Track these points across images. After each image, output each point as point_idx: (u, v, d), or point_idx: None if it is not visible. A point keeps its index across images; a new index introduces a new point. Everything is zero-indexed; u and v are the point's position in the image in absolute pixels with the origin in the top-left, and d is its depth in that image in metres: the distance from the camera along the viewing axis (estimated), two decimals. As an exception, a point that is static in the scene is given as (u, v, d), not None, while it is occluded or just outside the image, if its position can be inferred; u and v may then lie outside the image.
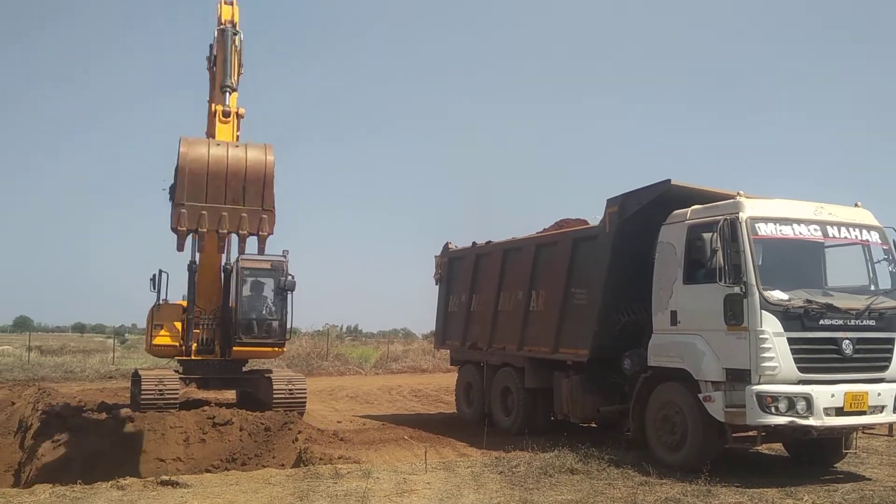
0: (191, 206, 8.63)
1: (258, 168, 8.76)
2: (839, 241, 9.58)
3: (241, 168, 8.75)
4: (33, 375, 26.15)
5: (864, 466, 9.96)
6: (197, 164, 8.55)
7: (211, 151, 8.73)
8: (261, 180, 8.76)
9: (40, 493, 7.73)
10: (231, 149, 8.90)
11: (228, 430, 11.95)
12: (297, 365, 28.42)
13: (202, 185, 8.53)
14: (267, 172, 8.82)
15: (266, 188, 8.82)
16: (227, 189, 8.63)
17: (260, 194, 8.80)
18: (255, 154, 8.86)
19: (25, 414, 14.73)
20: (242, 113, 11.51)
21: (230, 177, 8.65)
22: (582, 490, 8.18)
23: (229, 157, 8.75)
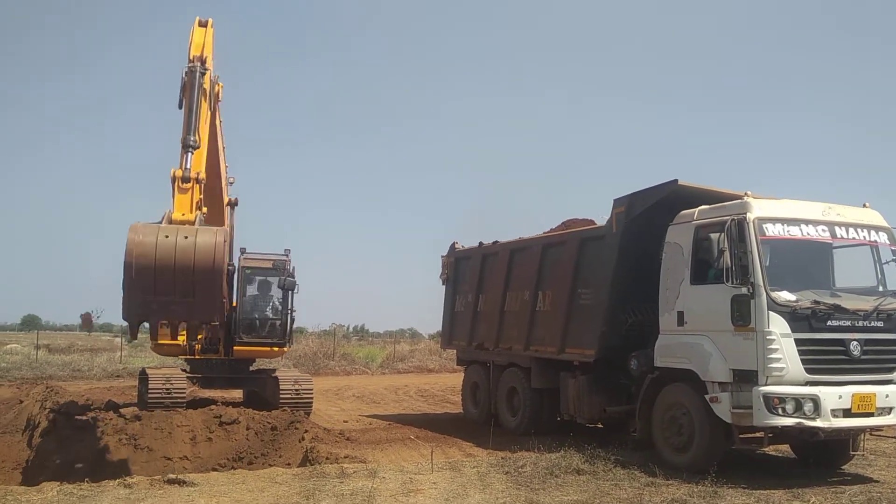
0: (140, 298, 8.34)
1: (207, 257, 8.37)
2: (847, 241, 9.54)
3: (189, 259, 8.35)
4: (41, 374, 26.26)
5: (872, 468, 9.92)
6: (143, 258, 8.20)
7: (158, 243, 8.31)
8: (210, 269, 8.38)
9: (48, 491, 7.75)
10: (180, 238, 8.41)
11: (235, 429, 11.97)
12: (304, 364, 28.48)
13: (150, 278, 8.21)
14: (216, 260, 8.41)
15: (215, 277, 8.44)
16: (177, 281, 8.28)
17: (210, 284, 8.43)
18: (204, 241, 8.44)
19: (33, 412, 14.78)
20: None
21: (178, 269, 8.27)
22: (588, 490, 8.17)
23: (177, 249, 8.33)
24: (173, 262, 8.28)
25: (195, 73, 9.97)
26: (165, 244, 8.31)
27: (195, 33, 10.70)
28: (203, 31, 10.77)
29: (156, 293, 8.28)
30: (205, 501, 7.39)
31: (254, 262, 16.22)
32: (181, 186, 9.32)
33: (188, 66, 10.05)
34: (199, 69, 10.04)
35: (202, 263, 8.33)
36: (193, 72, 9.99)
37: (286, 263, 16.00)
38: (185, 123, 9.77)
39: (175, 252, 8.30)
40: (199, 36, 10.66)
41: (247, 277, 16.24)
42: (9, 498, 7.48)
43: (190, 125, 9.71)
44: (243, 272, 16.05)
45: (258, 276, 16.54)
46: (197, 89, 9.90)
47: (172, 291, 8.30)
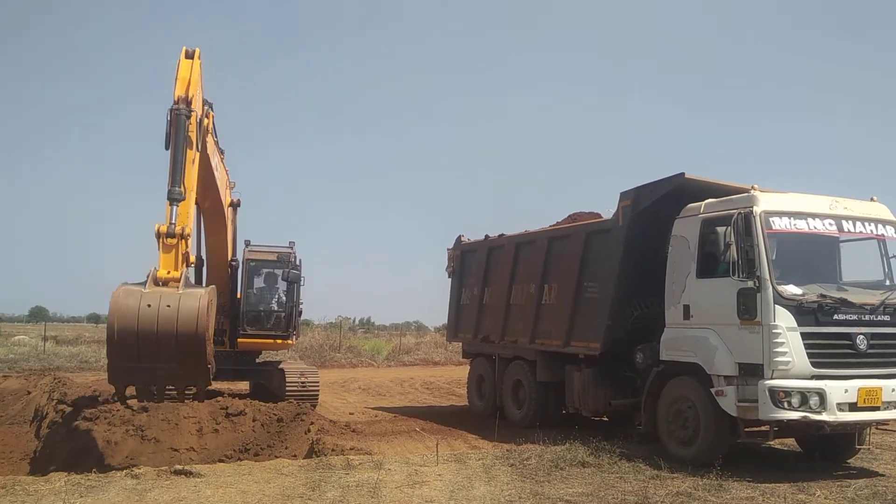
0: (124, 364, 8.31)
1: (190, 324, 8.27)
2: (854, 235, 9.50)
3: (172, 325, 8.26)
4: (49, 365, 26.41)
5: (878, 462, 9.92)
6: (126, 327, 8.12)
7: (141, 308, 8.20)
8: (194, 335, 8.28)
9: (56, 482, 7.80)
10: (163, 304, 8.28)
11: (241, 421, 11.99)
12: (310, 357, 28.54)
13: (133, 345, 8.14)
14: (199, 327, 8.30)
15: (199, 343, 8.34)
16: (160, 348, 8.20)
17: (195, 350, 8.35)
18: (187, 306, 8.33)
19: (41, 403, 14.86)
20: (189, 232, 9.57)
21: (161, 335, 8.18)
22: (593, 483, 8.18)
23: (160, 315, 8.23)
24: (156, 329, 8.19)
25: (180, 118, 9.56)
26: (148, 313, 8.19)
27: (181, 66, 10.20)
28: (189, 64, 10.28)
29: (139, 360, 8.22)
30: (211, 492, 7.43)
31: (258, 254, 16.26)
32: (166, 243, 9.08)
33: (173, 109, 9.63)
34: (185, 112, 9.61)
35: (185, 330, 8.24)
36: (179, 115, 9.57)
37: (291, 256, 16.02)
38: (170, 174, 9.43)
39: (158, 320, 8.21)
40: (185, 70, 10.16)
41: (251, 270, 16.28)
42: (17, 488, 7.54)
43: (175, 176, 9.37)
44: (248, 265, 16.09)
45: (263, 268, 16.57)
46: (182, 135, 9.51)
47: (156, 358, 8.25)
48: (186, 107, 9.69)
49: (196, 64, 10.31)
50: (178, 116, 9.55)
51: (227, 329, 16.04)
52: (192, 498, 7.20)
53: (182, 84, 9.94)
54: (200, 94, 10.43)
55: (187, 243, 9.33)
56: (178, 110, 9.60)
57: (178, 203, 9.30)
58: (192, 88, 9.96)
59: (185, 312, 8.33)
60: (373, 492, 7.50)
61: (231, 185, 14.60)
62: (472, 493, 7.59)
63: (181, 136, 9.50)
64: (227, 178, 13.94)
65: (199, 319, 8.31)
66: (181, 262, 9.12)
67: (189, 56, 10.34)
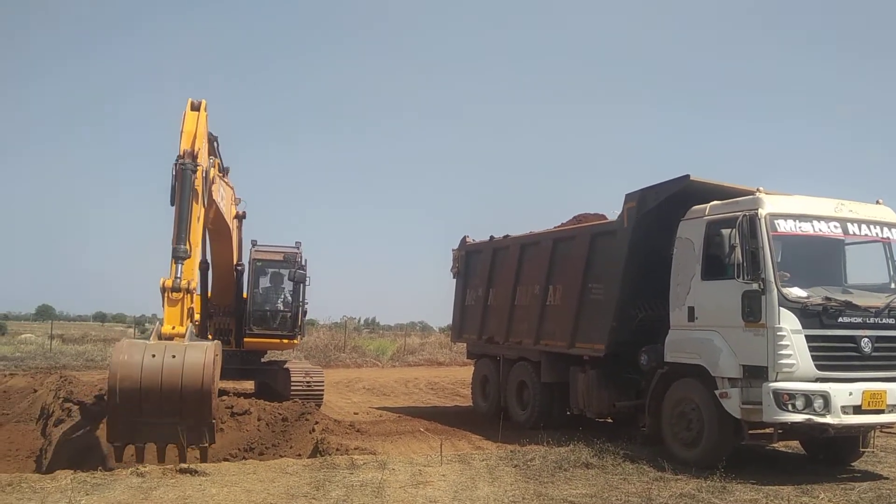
0: (125, 420, 8.10)
1: (195, 377, 8.11)
2: (859, 238, 9.49)
3: (176, 379, 8.09)
4: (55, 363, 26.52)
5: (882, 465, 9.89)
6: (129, 380, 7.96)
7: (144, 363, 8.03)
8: (199, 390, 8.12)
9: (61, 479, 7.83)
10: (167, 357, 8.11)
11: (246, 420, 12.04)
12: (315, 357, 28.60)
13: (136, 399, 7.97)
14: (205, 381, 8.15)
15: (204, 398, 8.18)
16: (164, 402, 8.02)
17: (199, 404, 8.18)
18: (193, 359, 8.16)
19: (47, 401, 14.92)
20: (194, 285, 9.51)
21: (165, 389, 8.01)
22: (597, 484, 8.19)
23: (164, 369, 8.06)
24: (160, 382, 8.03)
25: (186, 172, 9.47)
26: (152, 364, 8.03)
27: (187, 119, 10.12)
28: (195, 116, 10.20)
29: (142, 414, 8.06)
30: (216, 491, 7.45)
31: (265, 254, 16.30)
32: (171, 298, 8.95)
33: (179, 164, 9.54)
34: (191, 167, 9.54)
35: (190, 384, 8.09)
36: (185, 170, 9.49)
37: (297, 256, 16.07)
38: (175, 231, 9.31)
39: (162, 372, 8.06)
40: (191, 123, 10.08)
41: (258, 270, 16.32)
42: (23, 485, 7.57)
43: (180, 234, 9.27)
44: (254, 264, 16.14)
45: (269, 268, 16.62)
46: (188, 191, 9.42)
47: (160, 413, 8.08)
48: (192, 161, 9.62)
49: (202, 116, 10.26)
50: (185, 171, 9.49)
51: (233, 329, 16.11)
52: (198, 496, 7.23)
53: (188, 138, 9.87)
54: (206, 147, 10.34)
55: (192, 298, 9.27)
56: (183, 165, 9.54)
57: (182, 261, 9.22)
58: (198, 142, 9.89)
59: (191, 365, 8.19)
60: (377, 491, 7.52)
61: (237, 201, 14.64)
62: (476, 494, 7.61)
63: (186, 191, 9.43)
64: (232, 193, 13.93)
65: (206, 372, 8.18)
66: (186, 317, 9.02)
67: (195, 108, 10.31)
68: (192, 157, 9.64)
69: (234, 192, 14.15)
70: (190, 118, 10.13)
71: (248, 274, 16.07)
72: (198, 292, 9.50)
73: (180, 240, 9.26)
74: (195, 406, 8.19)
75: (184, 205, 9.39)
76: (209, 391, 8.25)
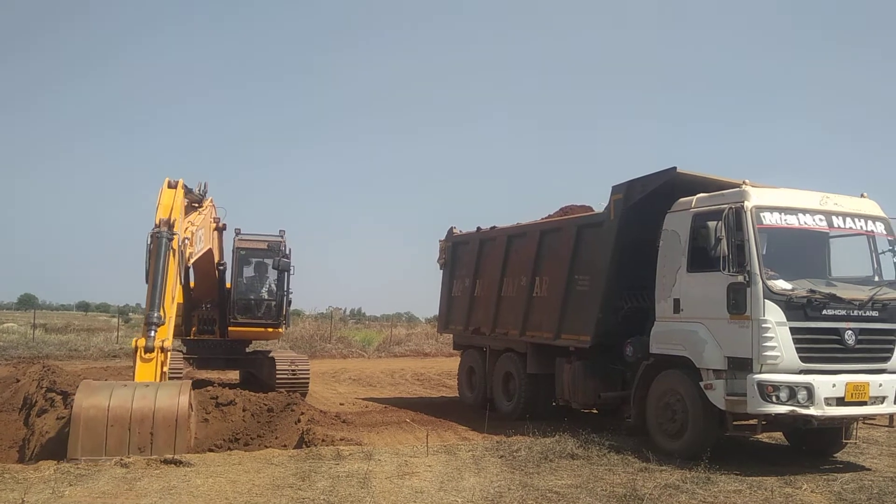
0: (87, 460, 7.95)
1: (169, 414, 8.05)
2: (844, 231, 9.55)
3: (147, 414, 8.03)
4: (38, 353, 26.34)
5: (864, 457, 9.99)
6: (94, 413, 7.88)
7: (113, 397, 8.01)
8: (172, 426, 8.06)
9: (45, 470, 7.78)
10: (138, 394, 8.11)
11: (231, 411, 11.99)
12: (300, 347, 28.55)
13: (101, 437, 7.88)
14: (179, 417, 8.10)
15: (179, 433, 8.12)
16: (132, 436, 7.92)
17: (171, 440, 8.10)
18: (166, 396, 8.14)
19: (30, 391, 14.80)
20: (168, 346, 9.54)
21: (134, 423, 7.94)
22: (582, 475, 8.22)
23: (134, 403, 8.01)
24: (129, 415, 8.00)
25: (162, 240, 9.60)
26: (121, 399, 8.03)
27: (163, 195, 10.36)
28: (172, 193, 10.46)
29: (106, 452, 8.00)
30: (201, 482, 7.42)
31: (248, 243, 16.22)
32: (143, 357, 8.95)
33: (154, 232, 9.69)
34: (167, 235, 9.69)
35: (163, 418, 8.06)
36: (160, 238, 9.61)
37: (281, 244, 15.99)
38: (148, 299, 9.37)
39: (132, 405, 8.05)
40: (168, 198, 10.35)
41: (241, 259, 16.24)
42: (6, 476, 7.51)
43: (154, 301, 9.32)
44: (238, 253, 16.06)
45: (253, 257, 16.55)
46: (163, 259, 9.52)
47: (125, 448, 8.04)
48: (168, 230, 9.80)
49: (179, 194, 10.48)
50: (160, 239, 9.61)
51: (216, 318, 16.06)
52: (182, 487, 7.20)
53: (164, 209, 10.07)
54: (182, 220, 10.47)
55: (167, 356, 9.29)
56: (159, 234, 9.66)
57: (156, 328, 9.26)
58: (175, 213, 10.04)
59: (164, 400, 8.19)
60: (363, 482, 7.51)
61: (217, 220, 14.53)
62: (462, 485, 7.62)
63: (161, 259, 9.51)
64: (210, 218, 13.73)
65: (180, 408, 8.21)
66: (159, 373, 9.04)
67: (172, 186, 10.53)
68: (169, 225, 9.84)
69: (213, 211, 14.05)
70: (167, 195, 10.39)
71: (231, 262, 15.99)
72: (171, 349, 9.52)
73: (154, 306, 9.32)
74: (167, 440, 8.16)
75: (158, 274, 9.46)
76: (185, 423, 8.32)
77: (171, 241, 9.67)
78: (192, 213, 11.99)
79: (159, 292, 9.37)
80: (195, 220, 11.80)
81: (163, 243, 9.57)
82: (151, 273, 9.51)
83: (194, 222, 11.54)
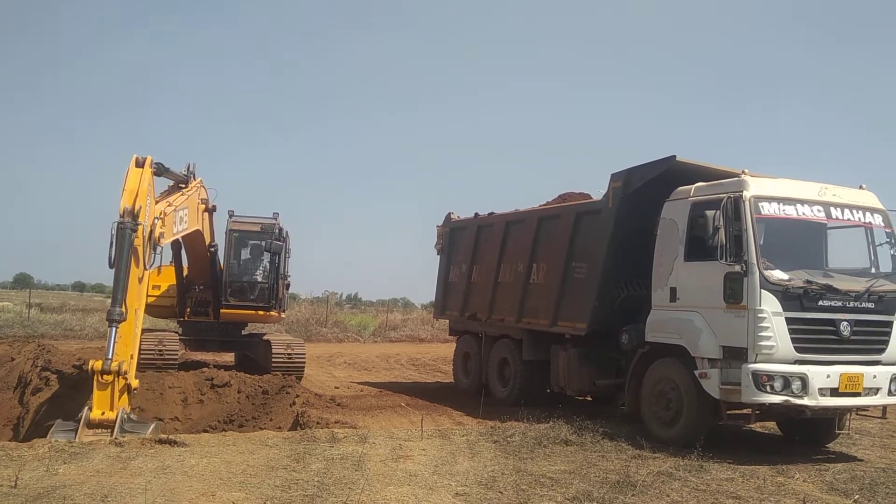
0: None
1: None
2: (842, 222, 9.54)
3: None
4: (33, 332, 26.30)
5: (857, 447, 10.04)
6: None
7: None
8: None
9: (39, 448, 7.78)
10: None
11: (226, 392, 12.03)
12: (296, 331, 28.56)
13: None
14: None
15: None
16: None
17: None
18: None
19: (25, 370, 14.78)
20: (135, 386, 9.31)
21: None
22: (575, 461, 8.25)
23: None
24: None
25: (125, 233, 9.07)
26: None
27: (129, 177, 9.59)
28: (139, 173, 9.70)
29: None
30: (195, 462, 7.43)
31: (242, 225, 16.12)
32: (100, 381, 8.60)
33: (118, 223, 9.13)
34: (130, 226, 9.12)
35: None
36: (124, 230, 9.08)
37: (275, 227, 15.91)
38: (112, 293, 9.04)
39: None
40: (133, 181, 9.58)
41: (235, 241, 16.16)
42: (1, 453, 7.52)
43: (116, 295, 8.94)
44: (231, 235, 15.97)
45: (247, 239, 16.47)
46: (126, 251, 9.02)
47: None
48: (132, 220, 9.21)
49: (146, 173, 9.78)
50: (124, 231, 9.09)
51: (210, 300, 16.04)
52: (177, 467, 7.21)
53: (129, 195, 9.41)
54: (151, 205, 9.87)
55: (126, 378, 8.90)
56: (123, 224, 9.13)
57: (117, 325, 8.89)
58: (140, 199, 9.43)
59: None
60: (357, 465, 7.53)
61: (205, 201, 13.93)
62: (456, 469, 7.64)
63: (125, 253, 9.05)
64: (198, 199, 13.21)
65: None
66: (117, 400, 8.72)
67: (139, 164, 9.80)
68: (133, 215, 9.24)
69: (203, 192, 13.59)
70: (133, 175, 9.67)
71: (224, 245, 15.91)
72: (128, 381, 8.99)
73: (115, 302, 8.94)
74: None
75: (121, 266, 9.04)
76: None
77: (134, 231, 9.18)
78: (175, 193, 11.67)
79: (122, 286, 9.01)
80: (175, 200, 11.35)
81: (126, 236, 9.10)
82: (115, 266, 9.11)
83: (173, 203, 11.11)
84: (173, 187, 11.88)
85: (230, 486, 6.65)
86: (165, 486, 6.50)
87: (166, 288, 16.25)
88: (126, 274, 9.07)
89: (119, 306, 8.93)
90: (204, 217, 14.01)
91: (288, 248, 16.42)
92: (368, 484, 6.84)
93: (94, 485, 6.42)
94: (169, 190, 11.79)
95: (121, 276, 9.02)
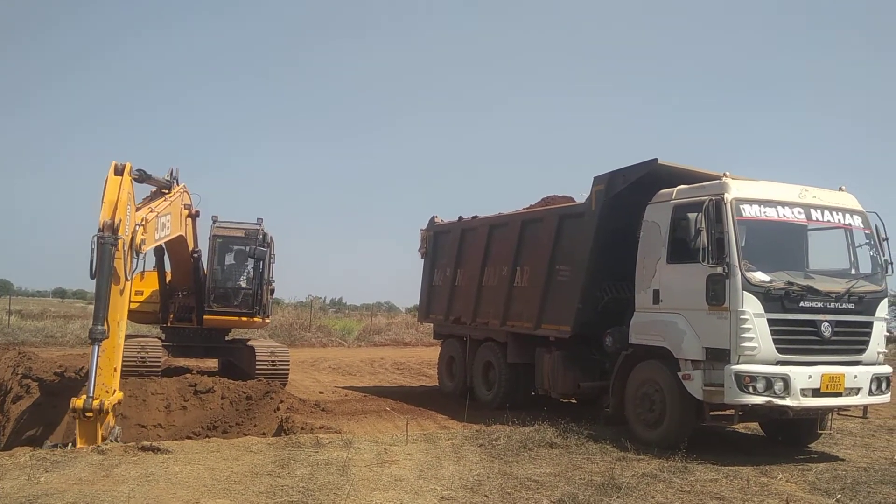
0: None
1: None
2: (822, 224, 9.62)
3: None
4: (13, 339, 26.01)
5: (838, 447, 10.12)
6: None
7: None
8: None
9: (20, 456, 7.72)
10: None
11: (210, 398, 11.96)
12: (280, 336, 28.42)
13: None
14: None
15: None
16: None
17: None
18: None
19: (5, 377, 14.65)
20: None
21: None
22: (560, 464, 8.26)
23: None
24: None
25: (106, 247, 8.89)
26: None
27: (108, 187, 9.34)
28: (118, 182, 9.41)
29: None
30: (179, 469, 7.38)
31: (225, 230, 16.02)
32: (83, 418, 8.50)
33: (98, 237, 8.94)
34: (110, 240, 8.93)
35: None
36: (104, 245, 8.90)
37: (259, 232, 15.83)
38: (94, 310, 8.91)
39: None
40: (113, 191, 9.31)
41: (218, 247, 16.06)
42: (-19, 462, 7.44)
43: (98, 313, 8.80)
44: (214, 241, 15.87)
45: (231, 244, 16.38)
46: (107, 267, 8.87)
47: None
48: (112, 234, 9.01)
49: (126, 181, 9.50)
50: (104, 246, 8.92)
51: (193, 306, 15.94)
52: (160, 474, 7.16)
53: (108, 207, 9.19)
54: (131, 214, 9.61)
55: (110, 414, 8.81)
56: (103, 239, 8.95)
57: (99, 342, 8.76)
58: (120, 211, 9.22)
59: None
60: (342, 470, 7.51)
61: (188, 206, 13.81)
62: (441, 473, 7.64)
63: (105, 268, 8.88)
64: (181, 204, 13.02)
65: None
66: (101, 433, 8.66)
67: (118, 172, 9.53)
68: (113, 229, 9.04)
69: (186, 197, 13.45)
70: (112, 185, 9.40)
71: (208, 250, 15.80)
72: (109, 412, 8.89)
73: (97, 319, 8.80)
74: None
75: (102, 283, 8.90)
76: None
77: (114, 245, 9.00)
78: (158, 198, 11.56)
79: (104, 305, 8.87)
80: (157, 206, 11.22)
81: (106, 251, 8.93)
82: (96, 282, 8.97)
83: (155, 209, 10.97)
84: (156, 192, 11.77)
85: (214, 493, 6.62)
86: (149, 494, 6.45)
87: (149, 293, 16.14)
88: (107, 290, 8.93)
89: (101, 324, 8.80)
90: (187, 222, 13.91)
91: (272, 253, 16.34)
92: (354, 489, 6.83)
93: (77, 493, 6.36)
94: (152, 195, 11.67)
95: (102, 293, 8.88)
